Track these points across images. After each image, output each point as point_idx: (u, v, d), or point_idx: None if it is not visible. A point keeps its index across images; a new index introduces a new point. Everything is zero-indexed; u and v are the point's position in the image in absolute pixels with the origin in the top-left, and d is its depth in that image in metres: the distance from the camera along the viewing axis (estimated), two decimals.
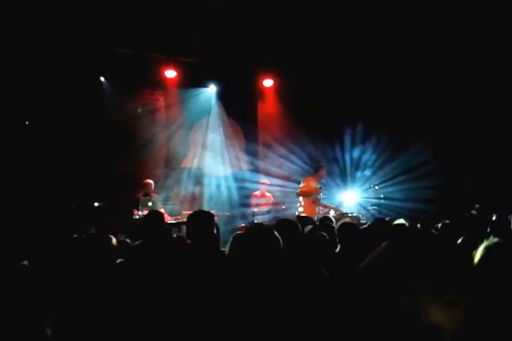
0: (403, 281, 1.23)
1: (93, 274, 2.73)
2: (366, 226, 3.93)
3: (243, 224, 6.75)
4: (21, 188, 6.39)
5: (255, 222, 6.64)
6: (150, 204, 6.86)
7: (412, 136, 7.82)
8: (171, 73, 8.27)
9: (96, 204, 7.12)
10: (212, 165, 8.76)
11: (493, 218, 4.15)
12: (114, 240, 3.03)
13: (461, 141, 7.54)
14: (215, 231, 3.73)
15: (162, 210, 6.05)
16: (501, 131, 7.12)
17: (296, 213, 7.07)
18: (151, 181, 7.42)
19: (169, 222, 6.37)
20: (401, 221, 4.11)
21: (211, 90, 8.83)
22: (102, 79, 7.86)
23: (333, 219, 4.61)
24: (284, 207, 7.67)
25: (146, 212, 6.57)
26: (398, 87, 8.04)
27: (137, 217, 6.59)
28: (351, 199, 8.28)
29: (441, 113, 7.71)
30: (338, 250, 3.39)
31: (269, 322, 2.10)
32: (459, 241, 2.99)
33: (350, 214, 7.15)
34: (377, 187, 8.01)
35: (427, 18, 7.10)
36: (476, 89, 7.28)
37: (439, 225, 3.67)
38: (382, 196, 7.96)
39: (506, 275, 1.85)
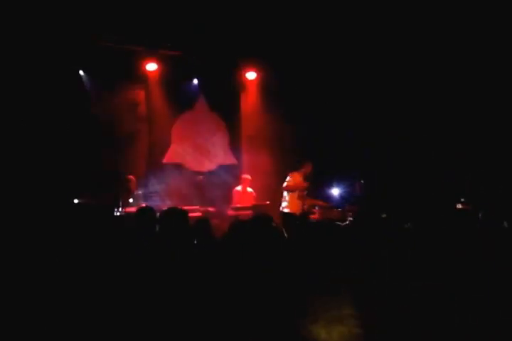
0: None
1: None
2: (347, 222, 3.88)
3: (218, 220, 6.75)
4: None
5: (239, 218, 6.54)
6: (131, 200, 6.74)
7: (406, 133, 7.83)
8: (152, 66, 8.10)
9: (76, 200, 6.95)
10: (196, 160, 8.64)
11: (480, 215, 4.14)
12: None
13: (461, 141, 7.50)
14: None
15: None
16: (501, 131, 7.10)
17: (281, 209, 7.01)
18: (132, 177, 7.29)
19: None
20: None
21: (194, 83, 8.68)
22: (81, 72, 7.66)
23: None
24: (268, 202, 7.59)
25: (127, 209, 6.52)
26: (390, 81, 7.95)
27: (118, 213, 6.45)
28: (338, 193, 8.24)
29: (439, 111, 7.67)
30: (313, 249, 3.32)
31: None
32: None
33: (335, 209, 7.13)
34: (362, 181, 7.98)
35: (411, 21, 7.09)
36: (476, 89, 7.23)
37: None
38: (366, 190, 7.93)
39: None
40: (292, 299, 2.21)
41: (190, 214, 5.90)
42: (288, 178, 7.08)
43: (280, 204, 7.16)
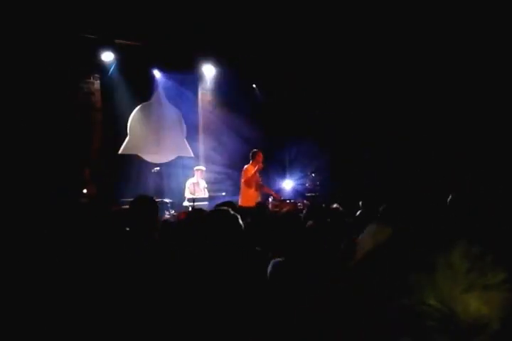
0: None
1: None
2: (304, 213, 4.05)
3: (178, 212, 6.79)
4: None
5: (195, 208, 6.63)
6: (85, 191, 6.68)
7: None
8: (108, 56, 7.99)
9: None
10: (152, 152, 8.62)
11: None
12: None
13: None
14: None
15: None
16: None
17: (239, 203, 7.15)
18: (85, 168, 7.20)
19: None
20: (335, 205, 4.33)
21: (151, 74, 8.63)
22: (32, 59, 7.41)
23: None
24: (224, 193, 7.72)
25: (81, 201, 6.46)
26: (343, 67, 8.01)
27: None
28: (289, 185, 8.48)
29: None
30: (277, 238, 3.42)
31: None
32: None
33: (288, 201, 7.36)
34: (313, 174, 8.25)
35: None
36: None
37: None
38: (318, 183, 8.22)
39: None
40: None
41: None
42: (243, 173, 7.23)
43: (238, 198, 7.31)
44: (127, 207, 3.54)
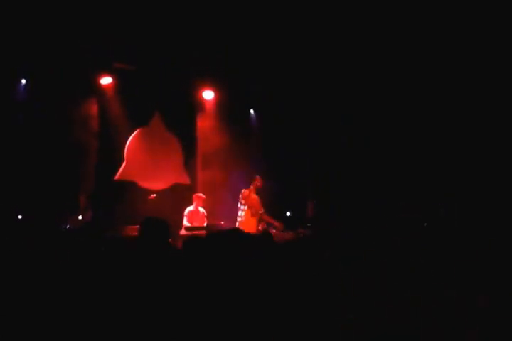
0: None
1: None
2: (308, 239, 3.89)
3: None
4: None
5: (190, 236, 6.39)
6: (80, 217, 6.47)
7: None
8: (106, 80, 7.92)
9: (19, 217, 6.56)
10: (149, 178, 8.43)
11: None
12: None
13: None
14: None
15: None
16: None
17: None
18: (82, 194, 7.02)
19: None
20: None
21: (149, 99, 8.53)
22: (23, 81, 7.34)
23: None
24: (222, 222, 7.49)
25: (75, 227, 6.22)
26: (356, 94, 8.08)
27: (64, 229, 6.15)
28: (290, 214, 8.30)
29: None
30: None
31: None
32: None
33: (289, 230, 7.14)
34: (315, 202, 8.10)
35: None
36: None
37: None
38: (319, 211, 8.04)
39: None
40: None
41: None
42: (241, 198, 7.07)
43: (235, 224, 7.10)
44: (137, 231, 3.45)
